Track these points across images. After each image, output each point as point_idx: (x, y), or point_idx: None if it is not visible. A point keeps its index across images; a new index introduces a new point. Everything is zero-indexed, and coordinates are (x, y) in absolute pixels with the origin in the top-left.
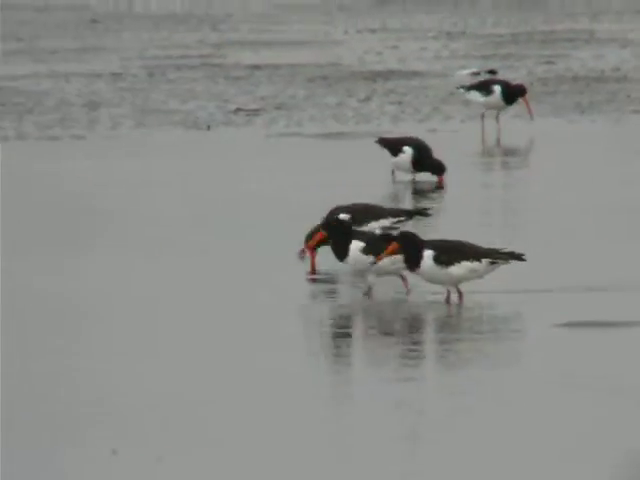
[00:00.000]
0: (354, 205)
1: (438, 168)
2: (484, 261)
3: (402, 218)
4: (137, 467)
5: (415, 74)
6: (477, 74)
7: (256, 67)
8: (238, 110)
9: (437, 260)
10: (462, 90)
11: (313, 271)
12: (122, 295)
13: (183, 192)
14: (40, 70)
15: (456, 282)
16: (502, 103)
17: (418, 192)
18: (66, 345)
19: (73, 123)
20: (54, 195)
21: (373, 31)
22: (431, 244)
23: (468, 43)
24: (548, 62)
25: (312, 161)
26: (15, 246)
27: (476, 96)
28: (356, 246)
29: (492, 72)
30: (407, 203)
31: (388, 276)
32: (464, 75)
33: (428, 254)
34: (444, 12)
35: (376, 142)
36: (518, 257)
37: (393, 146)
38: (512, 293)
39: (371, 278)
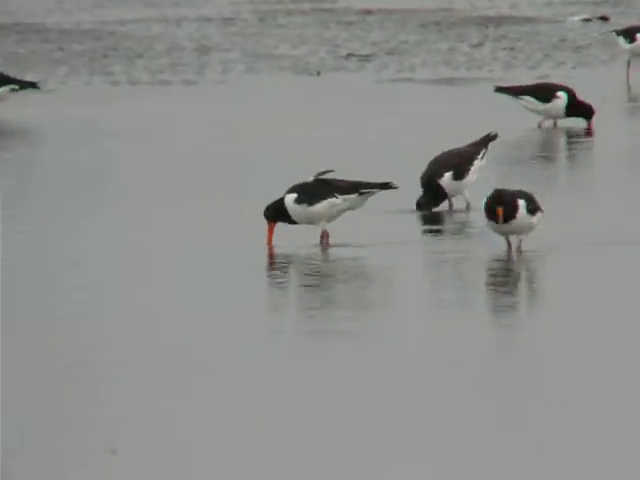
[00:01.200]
0: (448, 158)
1: (590, 112)
2: (347, 196)
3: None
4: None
5: (527, 20)
6: (589, 20)
7: (368, 12)
8: (349, 55)
9: (298, 201)
10: (614, 34)
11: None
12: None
13: (285, 137)
14: (151, 15)
15: (320, 219)
16: None
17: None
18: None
19: (184, 68)
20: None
21: None
22: (294, 188)
23: None
24: None
25: (424, 106)
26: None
27: (621, 42)
28: (291, 198)
29: (603, 18)
30: (560, 151)
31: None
32: (575, 21)
33: (289, 197)
34: None
35: (496, 91)
36: (384, 186)
37: (541, 93)
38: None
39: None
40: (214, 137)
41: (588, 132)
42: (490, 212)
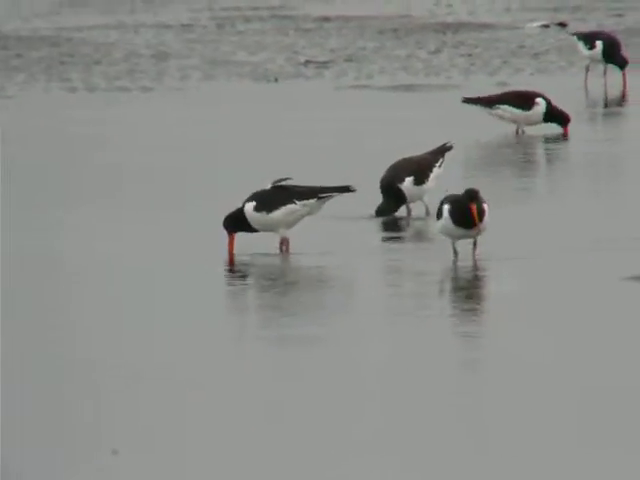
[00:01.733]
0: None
1: (566, 119)
2: (305, 201)
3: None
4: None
5: (485, 26)
6: (547, 27)
7: (326, 19)
8: (307, 62)
9: (257, 209)
10: (575, 37)
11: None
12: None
13: (243, 144)
14: (108, 21)
15: (279, 225)
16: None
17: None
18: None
19: (141, 75)
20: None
21: None
22: (253, 196)
23: None
24: (618, 14)
25: (382, 113)
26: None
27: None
28: (250, 206)
29: (562, 25)
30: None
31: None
32: (534, 28)
33: (249, 206)
34: None
35: (464, 102)
36: (342, 190)
37: (520, 100)
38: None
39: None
40: (171, 143)
41: (564, 137)
42: (460, 215)
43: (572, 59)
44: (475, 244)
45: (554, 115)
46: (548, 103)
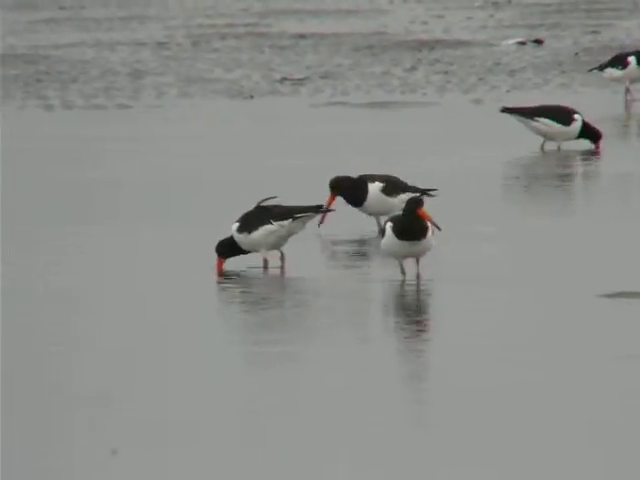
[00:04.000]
0: (387, 175)
1: (598, 135)
2: (282, 222)
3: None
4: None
5: (461, 44)
6: (523, 44)
7: (301, 36)
8: (283, 79)
9: (240, 230)
10: (596, 71)
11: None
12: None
13: (220, 162)
14: (85, 39)
15: (260, 246)
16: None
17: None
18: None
19: (118, 92)
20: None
21: (419, 0)
22: (240, 217)
23: (514, 13)
24: (594, 32)
25: (358, 130)
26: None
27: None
28: (235, 227)
29: (538, 42)
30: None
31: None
32: (509, 45)
33: (234, 227)
34: None
35: (503, 111)
36: (318, 209)
37: (560, 115)
38: None
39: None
40: (148, 161)
41: (596, 153)
42: (402, 228)
43: (547, 76)
44: (418, 262)
45: (589, 131)
46: (583, 119)
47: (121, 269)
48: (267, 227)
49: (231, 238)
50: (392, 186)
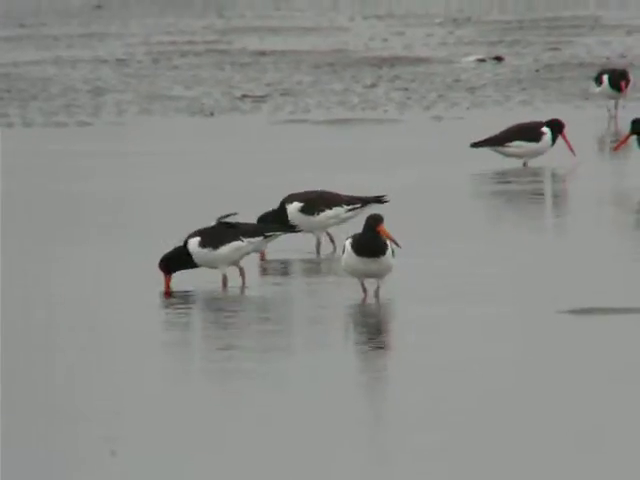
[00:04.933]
0: (307, 193)
1: (560, 125)
2: (251, 239)
3: (357, 206)
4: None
5: (421, 61)
6: (483, 61)
7: (262, 53)
8: (244, 96)
9: (202, 245)
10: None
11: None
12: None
13: (180, 179)
14: (45, 56)
15: (224, 262)
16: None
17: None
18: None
19: (78, 109)
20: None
21: (379, 17)
22: (197, 232)
23: (474, 30)
24: (554, 48)
25: (319, 147)
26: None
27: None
28: (195, 241)
29: (498, 59)
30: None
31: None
32: (469, 62)
33: (193, 241)
34: None
35: (473, 146)
36: (291, 229)
37: (528, 134)
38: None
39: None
40: (108, 178)
41: (570, 149)
42: (361, 244)
43: (507, 93)
44: (378, 285)
45: (555, 130)
46: (548, 125)
47: (71, 285)
48: (236, 244)
49: (180, 250)
50: (312, 204)
